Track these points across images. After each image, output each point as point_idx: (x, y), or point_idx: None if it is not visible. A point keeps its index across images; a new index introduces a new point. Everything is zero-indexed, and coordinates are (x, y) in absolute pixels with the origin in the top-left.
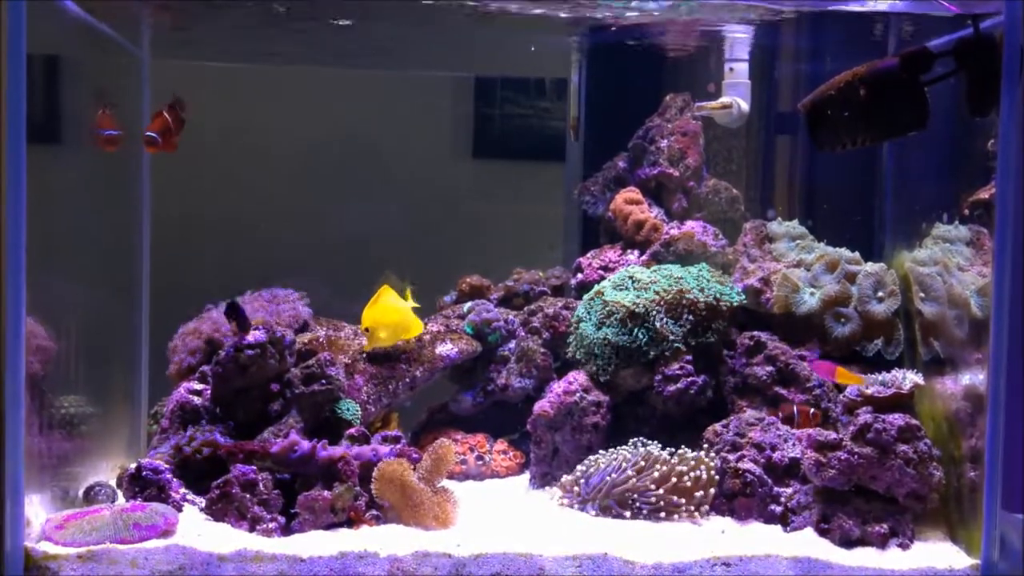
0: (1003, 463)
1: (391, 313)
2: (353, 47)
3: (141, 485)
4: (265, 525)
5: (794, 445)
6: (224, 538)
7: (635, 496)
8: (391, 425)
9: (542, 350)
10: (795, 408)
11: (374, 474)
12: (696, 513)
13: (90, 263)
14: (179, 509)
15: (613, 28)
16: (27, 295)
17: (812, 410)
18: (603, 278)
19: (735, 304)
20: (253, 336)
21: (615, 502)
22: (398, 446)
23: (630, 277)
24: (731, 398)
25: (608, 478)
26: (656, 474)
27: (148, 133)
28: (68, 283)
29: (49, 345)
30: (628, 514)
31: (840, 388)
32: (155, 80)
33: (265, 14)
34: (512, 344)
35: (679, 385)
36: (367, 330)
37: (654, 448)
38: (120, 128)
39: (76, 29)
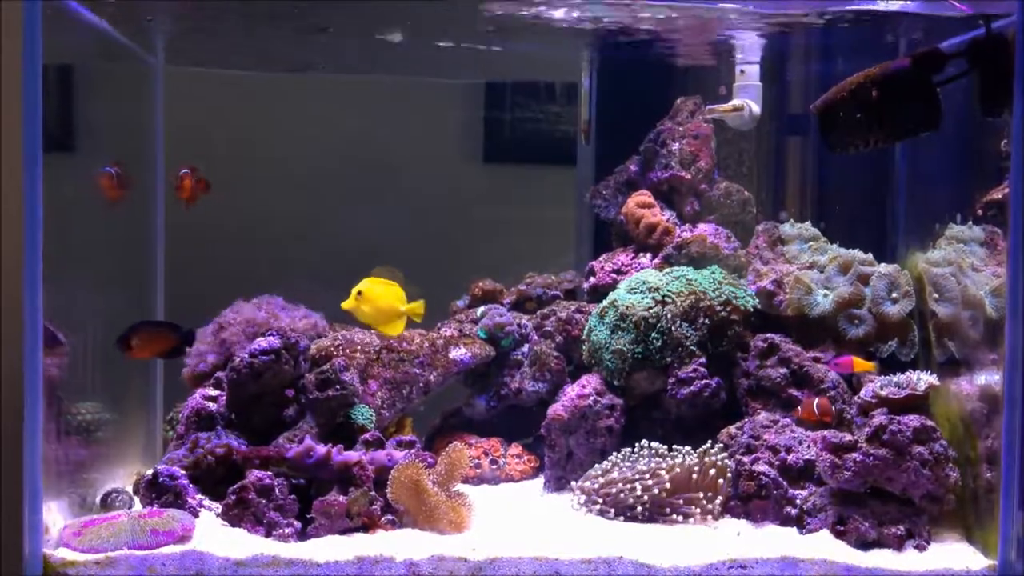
0: (1020, 464)
1: (388, 300)
2: (364, 54)
3: (158, 491)
4: (281, 530)
5: (809, 447)
6: (240, 543)
7: (647, 499)
8: (405, 430)
9: (555, 354)
10: (815, 403)
11: (389, 478)
12: (711, 516)
13: (105, 269)
14: (195, 515)
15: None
16: (44, 302)
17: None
18: (616, 281)
19: (749, 308)
20: (267, 342)
21: (628, 505)
22: (412, 451)
23: (643, 281)
24: (745, 400)
25: (623, 484)
26: (668, 476)
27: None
28: (84, 290)
29: (65, 351)
30: (642, 517)
31: (855, 389)
32: (169, 88)
33: (275, 21)
34: (525, 348)
35: (693, 388)
36: (360, 293)
37: (663, 450)
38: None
39: (90, 38)
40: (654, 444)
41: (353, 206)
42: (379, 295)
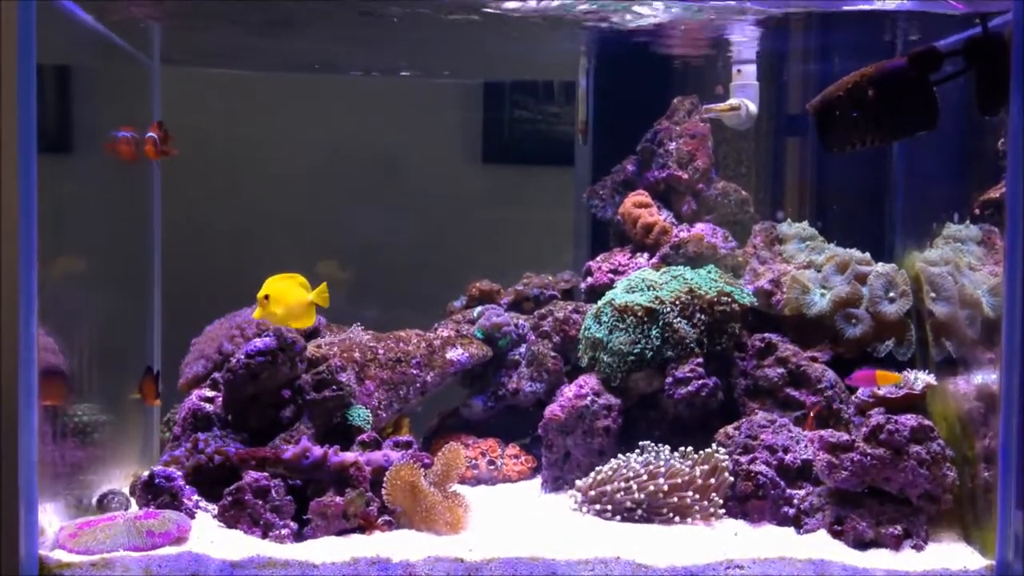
0: (1017, 463)
1: (294, 295)
2: (362, 54)
3: (154, 492)
4: (277, 531)
5: (806, 447)
6: (237, 545)
7: (645, 499)
8: (402, 430)
9: (553, 354)
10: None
11: (385, 479)
12: (709, 516)
13: (102, 271)
14: (192, 516)
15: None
16: (39, 305)
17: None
18: (613, 281)
19: (747, 305)
20: (263, 342)
21: (626, 505)
22: (409, 451)
23: (640, 280)
24: (742, 400)
25: (620, 483)
26: (666, 476)
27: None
28: (80, 292)
29: (60, 360)
30: (640, 517)
31: (852, 389)
32: (166, 88)
33: (274, 20)
34: (523, 348)
35: (690, 388)
36: (266, 297)
37: (665, 451)
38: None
39: (86, 38)
40: (653, 444)
41: (352, 206)
42: (285, 292)
